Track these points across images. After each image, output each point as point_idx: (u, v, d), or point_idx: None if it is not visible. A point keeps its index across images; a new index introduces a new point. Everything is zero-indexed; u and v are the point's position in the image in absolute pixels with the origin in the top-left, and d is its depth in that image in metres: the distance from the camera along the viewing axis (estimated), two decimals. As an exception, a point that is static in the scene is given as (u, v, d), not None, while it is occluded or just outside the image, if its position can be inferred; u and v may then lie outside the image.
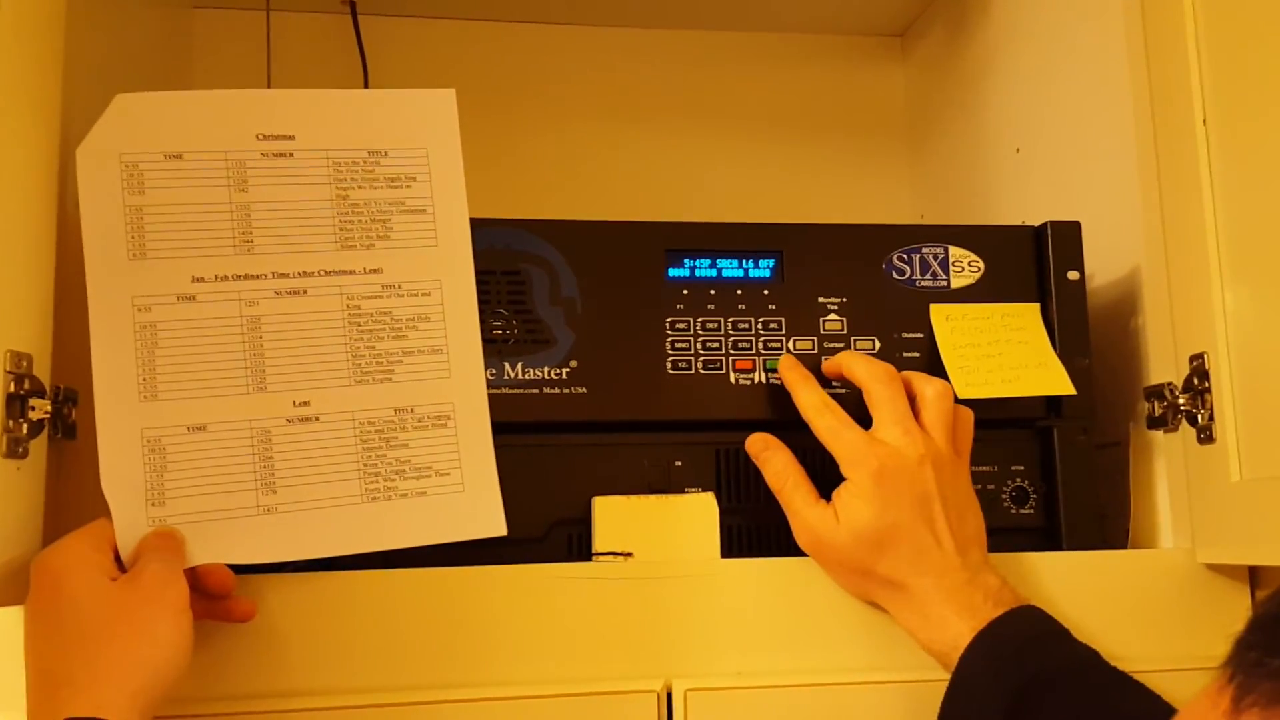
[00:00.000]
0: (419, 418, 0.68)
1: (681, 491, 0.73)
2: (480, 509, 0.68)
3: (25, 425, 0.63)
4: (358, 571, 0.66)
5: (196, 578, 0.62)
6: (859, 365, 0.72)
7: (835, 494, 0.68)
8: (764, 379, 0.75)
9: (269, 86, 1.13)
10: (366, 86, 1.12)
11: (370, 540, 0.66)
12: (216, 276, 0.66)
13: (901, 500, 0.66)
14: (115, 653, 0.56)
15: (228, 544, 0.64)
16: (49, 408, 0.64)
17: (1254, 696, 0.34)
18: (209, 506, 0.64)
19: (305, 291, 0.67)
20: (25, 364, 0.63)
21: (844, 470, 0.68)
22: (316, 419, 0.66)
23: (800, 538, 0.70)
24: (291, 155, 0.67)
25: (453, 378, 0.68)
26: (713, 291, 0.76)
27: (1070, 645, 0.65)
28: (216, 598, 0.63)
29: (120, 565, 0.62)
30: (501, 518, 0.68)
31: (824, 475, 0.70)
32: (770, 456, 0.72)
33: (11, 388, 0.62)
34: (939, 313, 0.78)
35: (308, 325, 0.67)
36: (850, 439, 0.69)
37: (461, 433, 0.68)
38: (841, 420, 0.70)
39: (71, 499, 0.68)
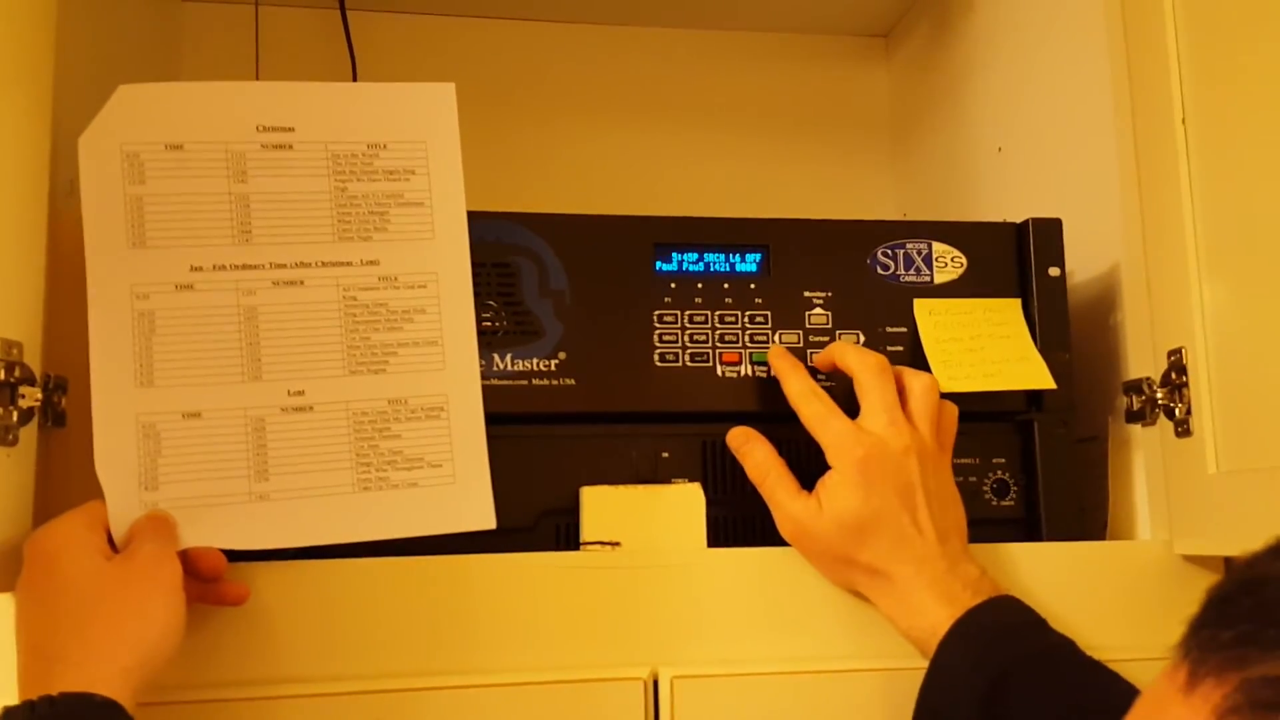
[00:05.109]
0: (412, 409, 0.68)
1: (668, 482, 0.74)
2: (471, 502, 0.68)
3: (15, 413, 0.63)
4: (347, 559, 0.66)
5: (189, 560, 0.63)
6: (851, 354, 0.72)
7: (820, 483, 0.69)
8: (750, 372, 0.76)
9: (258, 80, 1.13)
10: (355, 81, 1.12)
11: (360, 530, 0.66)
12: (215, 266, 0.66)
13: (885, 489, 0.67)
14: (108, 629, 0.56)
15: (219, 529, 0.64)
16: (39, 396, 0.64)
17: (1208, 668, 0.35)
18: (201, 492, 0.65)
19: (302, 282, 0.67)
20: (16, 352, 0.63)
21: (829, 458, 0.69)
22: (310, 408, 0.66)
23: (783, 528, 0.70)
24: (291, 147, 0.68)
25: (447, 370, 0.69)
26: (700, 285, 0.77)
27: (1047, 634, 0.66)
28: (208, 581, 0.63)
29: (113, 546, 0.62)
30: (492, 511, 0.68)
31: (806, 468, 0.71)
32: (751, 450, 0.73)
33: (1, 375, 0.62)
34: (922, 307, 0.79)
35: (304, 315, 0.67)
36: (837, 427, 0.69)
37: (454, 425, 0.68)
38: (829, 408, 0.70)
39: (61, 488, 0.68)
